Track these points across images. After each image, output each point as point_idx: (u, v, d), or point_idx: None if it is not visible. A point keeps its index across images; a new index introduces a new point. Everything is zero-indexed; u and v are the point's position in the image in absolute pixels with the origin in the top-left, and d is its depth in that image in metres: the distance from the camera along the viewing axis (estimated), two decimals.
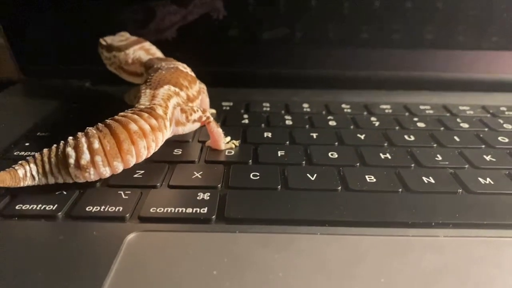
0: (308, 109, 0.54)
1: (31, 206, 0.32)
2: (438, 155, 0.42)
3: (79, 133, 0.33)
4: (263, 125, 0.49)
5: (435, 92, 0.61)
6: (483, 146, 0.45)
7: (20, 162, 0.32)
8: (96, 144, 0.32)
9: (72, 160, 0.32)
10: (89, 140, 0.32)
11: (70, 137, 0.33)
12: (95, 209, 0.32)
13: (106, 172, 0.33)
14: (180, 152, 0.41)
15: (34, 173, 0.32)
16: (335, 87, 0.62)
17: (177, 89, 0.42)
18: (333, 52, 0.62)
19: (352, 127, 0.49)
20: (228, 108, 0.55)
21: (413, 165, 0.40)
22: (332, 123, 0.50)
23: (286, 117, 0.51)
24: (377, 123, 0.50)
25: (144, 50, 0.51)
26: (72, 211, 0.32)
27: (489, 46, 0.62)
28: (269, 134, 0.46)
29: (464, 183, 0.37)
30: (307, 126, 0.49)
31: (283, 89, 0.61)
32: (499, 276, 0.27)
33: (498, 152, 0.43)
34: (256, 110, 0.54)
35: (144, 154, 0.35)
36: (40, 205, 0.32)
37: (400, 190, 0.36)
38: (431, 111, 0.54)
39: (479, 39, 0.62)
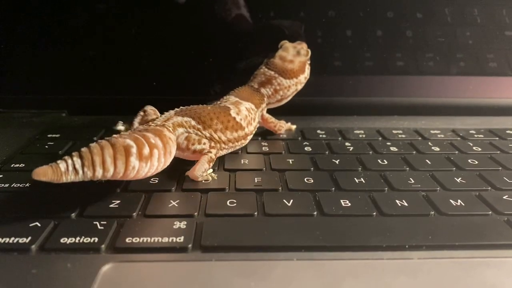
0: (284, 136, 0.55)
1: (4, 239, 0.31)
2: (411, 179, 0.43)
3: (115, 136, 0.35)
4: (240, 151, 0.50)
5: (407, 117, 0.63)
6: (454, 168, 0.46)
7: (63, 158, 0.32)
8: (152, 140, 0.35)
9: (134, 150, 0.33)
10: (144, 135, 0.35)
11: (114, 135, 0.35)
12: (69, 240, 0.31)
13: (157, 168, 0.37)
14: (157, 181, 0.41)
15: (78, 166, 0.31)
16: (310, 113, 0.63)
17: (199, 126, 0.43)
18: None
19: (327, 152, 0.50)
20: None
21: (386, 188, 0.41)
22: (307, 148, 0.51)
23: (263, 143, 0.52)
24: (351, 148, 0.51)
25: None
26: (46, 244, 0.31)
27: (457, 72, 0.65)
28: (246, 161, 0.47)
29: (436, 206, 0.38)
30: (283, 152, 0.50)
31: None
32: None
33: (468, 174, 0.44)
34: None
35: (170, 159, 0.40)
36: (13, 238, 0.31)
37: (374, 213, 0.36)
38: (403, 135, 0.56)
39: (448, 65, 0.65)
